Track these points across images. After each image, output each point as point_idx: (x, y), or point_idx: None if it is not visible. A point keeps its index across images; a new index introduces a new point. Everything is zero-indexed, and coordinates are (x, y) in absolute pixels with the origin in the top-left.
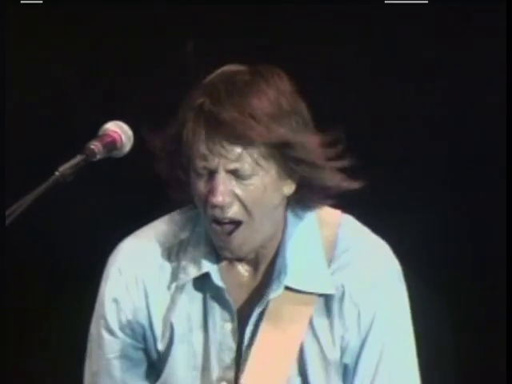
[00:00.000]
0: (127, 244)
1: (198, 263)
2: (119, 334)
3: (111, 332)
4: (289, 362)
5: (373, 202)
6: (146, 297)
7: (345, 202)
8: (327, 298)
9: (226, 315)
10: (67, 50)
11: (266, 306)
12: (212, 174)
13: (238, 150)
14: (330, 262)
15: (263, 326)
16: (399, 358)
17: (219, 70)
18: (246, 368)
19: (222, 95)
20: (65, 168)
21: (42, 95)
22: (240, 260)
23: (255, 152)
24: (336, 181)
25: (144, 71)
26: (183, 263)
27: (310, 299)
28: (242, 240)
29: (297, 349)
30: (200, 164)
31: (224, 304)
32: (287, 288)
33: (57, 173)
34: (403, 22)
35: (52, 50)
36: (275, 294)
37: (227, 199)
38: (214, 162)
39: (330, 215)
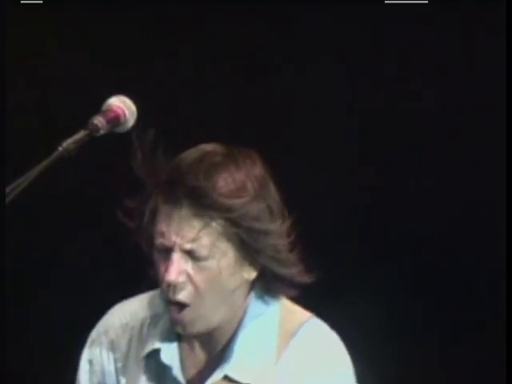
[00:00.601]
0: (111, 312)
1: (156, 339)
2: None
3: None
4: None
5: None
6: (116, 363)
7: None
8: None
9: None
10: (67, 49)
11: None
12: (169, 252)
13: (195, 230)
14: (278, 358)
15: None
16: None
17: (193, 149)
18: None
19: (184, 171)
20: (68, 143)
21: (42, 95)
22: (198, 339)
23: (214, 233)
24: (291, 273)
25: (144, 71)
26: (149, 338)
27: None
28: (194, 317)
29: None
30: (158, 241)
31: (174, 381)
32: (226, 377)
33: (60, 148)
34: (403, 22)
35: (52, 49)
36: (213, 380)
37: (180, 279)
38: (170, 240)
39: (297, 314)
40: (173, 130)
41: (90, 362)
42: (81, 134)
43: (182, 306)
